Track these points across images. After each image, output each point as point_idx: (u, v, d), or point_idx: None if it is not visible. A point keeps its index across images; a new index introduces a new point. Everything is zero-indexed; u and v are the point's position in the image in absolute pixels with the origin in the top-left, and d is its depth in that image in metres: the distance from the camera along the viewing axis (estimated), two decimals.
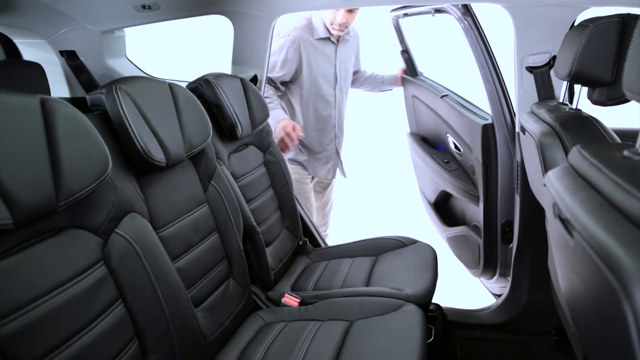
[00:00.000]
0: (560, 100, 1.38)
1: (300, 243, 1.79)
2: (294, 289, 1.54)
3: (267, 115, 1.67)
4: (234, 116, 1.46)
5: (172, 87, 1.22)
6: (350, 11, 1.93)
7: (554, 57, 1.40)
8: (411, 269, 1.53)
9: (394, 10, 2.19)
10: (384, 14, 2.28)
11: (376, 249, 1.72)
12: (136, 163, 1.07)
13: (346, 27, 1.96)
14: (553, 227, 0.65)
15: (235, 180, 1.46)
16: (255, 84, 1.65)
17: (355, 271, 1.59)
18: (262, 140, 1.70)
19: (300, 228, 1.81)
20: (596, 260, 0.45)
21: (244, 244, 1.41)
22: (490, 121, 1.77)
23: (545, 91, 1.45)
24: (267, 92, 1.93)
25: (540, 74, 1.44)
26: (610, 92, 1.05)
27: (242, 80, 1.56)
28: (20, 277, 0.72)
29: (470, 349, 1.67)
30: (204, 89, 1.47)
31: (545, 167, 1.07)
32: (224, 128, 1.48)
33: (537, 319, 1.66)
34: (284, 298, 1.44)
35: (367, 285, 1.50)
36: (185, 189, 1.21)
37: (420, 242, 1.78)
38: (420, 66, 2.35)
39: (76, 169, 0.79)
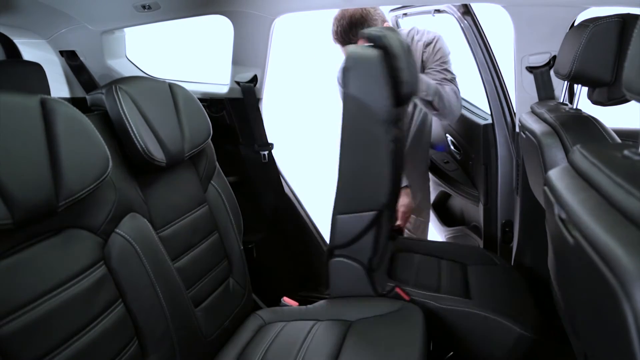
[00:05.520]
0: (560, 100, 1.38)
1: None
2: (394, 278, 1.45)
3: None
4: None
5: (172, 87, 1.22)
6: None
7: (554, 57, 1.40)
8: (511, 292, 1.43)
9: (393, 10, 2.19)
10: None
11: (464, 256, 1.64)
12: (136, 163, 1.07)
13: None
14: (553, 227, 0.65)
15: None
16: (255, 85, 1.65)
17: (451, 275, 1.51)
18: None
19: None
20: (596, 260, 0.45)
21: (370, 227, 1.31)
22: (490, 121, 1.77)
23: (545, 91, 1.45)
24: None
25: (540, 74, 1.44)
26: (610, 92, 1.05)
27: None
28: (20, 277, 0.72)
29: None
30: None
31: (545, 167, 1.07)
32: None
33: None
34: (284, 298, 1.44)
35: (469, 296, 1.39)
36: (185, 189, 1.21)
37: (511, 266, 1.66)
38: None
39: (76, 169, 0.79)
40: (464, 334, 1.29)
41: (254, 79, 1.65)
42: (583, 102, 1.21)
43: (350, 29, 1.55)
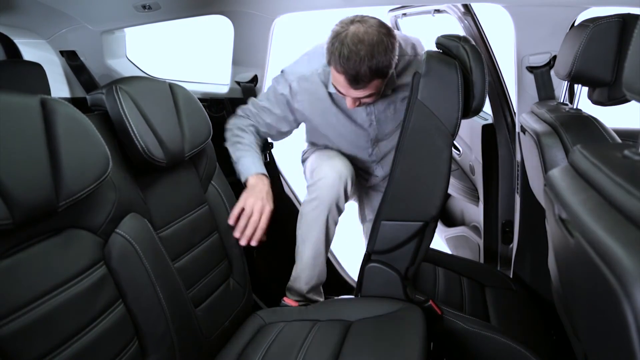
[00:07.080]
0: (561, 100, 1.38)
1: None
2: (417, 287, 1.41)
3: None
4: None
5: (172, 87, 1.22)
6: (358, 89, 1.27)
7: (554, 57, 1.40)
8: (528, 320, 1.41)
9: (392, 10, 2.19)
10: (382, 13, 2.27)
11: (480, 276, 1.61)
12: (136, 163, 1.07)
13: (364, 104, 1.39)
14: (553, 227, 0.65)
15: None
16: (255, 85, 1.65)
17: (472, 295, 1.49)
18: None
19: None
20: (596, 260, 0.45)
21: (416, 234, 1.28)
22: (490, 121, 1.77)
23: (545, 91, 1.45)
24: None
25: (540, 74, 1.44)
26: (610, 92, 1.05)
27: None
28: (20, 277, 0.72)
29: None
30: None
31: (546, 167, 1.07)
32: None
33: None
34: (284, 298, 1.43)
35: (488, 320, 1.37)
36: (186, 189, 1.21)
37: (526, 292, 1.62)
38: None
39: (76, 169, 0.79)
40: (481, 357, 1.29)
41: (254, 79, 1.65)
42: (583, 102, 1.21)
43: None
